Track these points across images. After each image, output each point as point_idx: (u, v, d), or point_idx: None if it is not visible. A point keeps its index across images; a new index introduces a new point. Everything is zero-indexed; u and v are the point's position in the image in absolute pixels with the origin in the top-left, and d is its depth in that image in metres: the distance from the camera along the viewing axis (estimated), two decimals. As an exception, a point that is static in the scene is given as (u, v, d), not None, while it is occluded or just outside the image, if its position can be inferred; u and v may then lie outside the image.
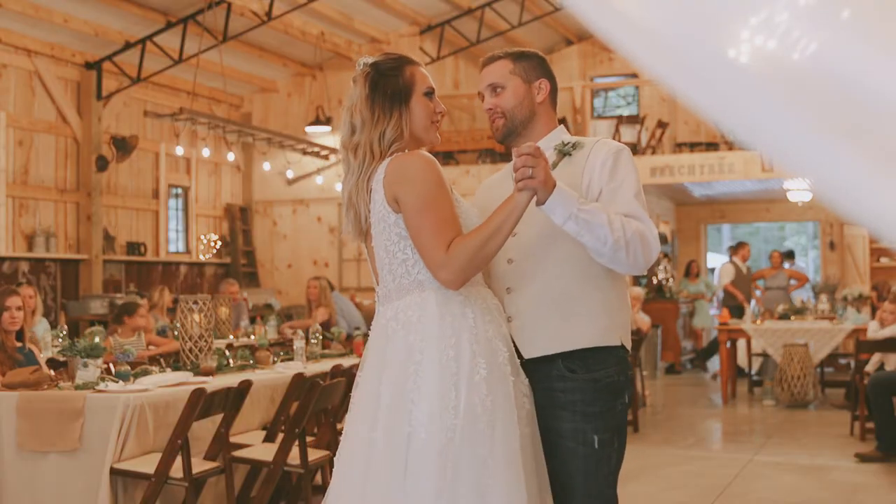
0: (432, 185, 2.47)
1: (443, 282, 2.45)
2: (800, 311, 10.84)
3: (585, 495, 2.63)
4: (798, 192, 12.92)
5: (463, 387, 2.39)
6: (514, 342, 2.59)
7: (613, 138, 12.81)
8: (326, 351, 6.67)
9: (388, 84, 2.55)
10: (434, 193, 2.46)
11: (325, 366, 5.77)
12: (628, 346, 2.69)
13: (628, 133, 13.26)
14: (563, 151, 2.71)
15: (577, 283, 2.62)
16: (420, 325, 2.46)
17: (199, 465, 4.58)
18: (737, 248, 13.37)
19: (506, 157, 9.77)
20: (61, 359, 5.58)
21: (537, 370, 2.59)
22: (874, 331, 8.20)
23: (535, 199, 2.45)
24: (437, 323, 2.45)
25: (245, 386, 4.79)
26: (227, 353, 5.88)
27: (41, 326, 7.57)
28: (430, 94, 2.61)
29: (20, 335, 5.37)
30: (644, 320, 10.45)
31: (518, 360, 2.57)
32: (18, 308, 5.29)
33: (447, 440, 2.36)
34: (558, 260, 2.62)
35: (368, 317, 10.06)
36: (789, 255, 15.01)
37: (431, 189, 2.46)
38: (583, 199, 2.52)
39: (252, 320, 10.23)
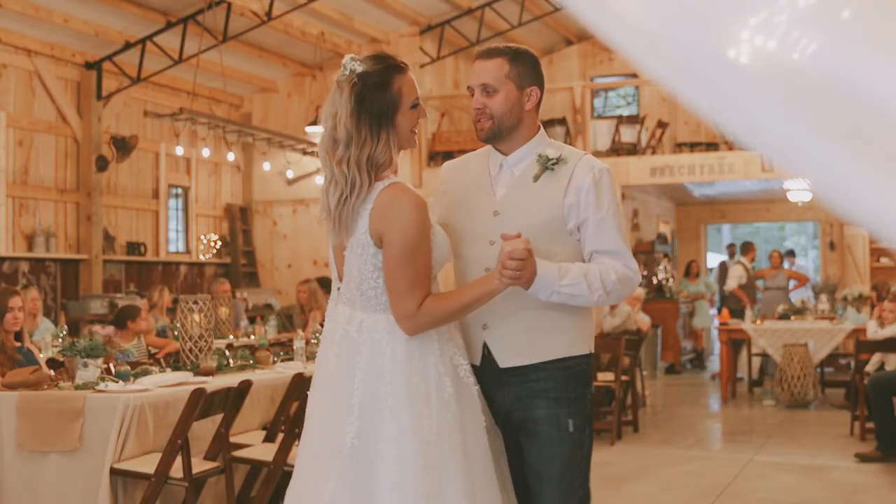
0: (418, 234, 2.49)
1: (403, 329, 2.52)
2: (800, 311, 10.84)
3: (564, 481, 2.73)
4: (798, 192, 12.92)
5: (434, 405, 2.49)
6: (488, 348, 2.75)
7: (613, 138, 12.94)
8: (326, 351, 6.66)
9: (376, 101, 2.50)
10: (418, 244, 2.49)
11: (325, 366, 5.76)
12: (592, 350, 2.89)
13: (628, 133, 13.25)
14: (547, 167, 2.78)
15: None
16: (389, 349, 2.51)
17: (199, 465, 4.58)
18: (745, 250, 13.30)
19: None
20: (61, 359, 5.57)
21: (511, 369, 2.75)
22: (874, 331, 8.20)
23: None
24: (404, 350, 2.51)
25: (245, 386, 4.79)
26: (227, 353, 5.88)
27: (43, 327, 7.57)
28: (415, 105, 2.59)
29: (18, 335, 5.37)
30: (644, 320, 10.45)
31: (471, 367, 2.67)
32: (20, 308, 5.30)
33: (424, 456, 2.43)
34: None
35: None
36: (790, 253, 15.02)
37: (416, 238, 2.49)
38: (563, 273, 2.63)
39: (252, 320, 10.23)
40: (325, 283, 9.69)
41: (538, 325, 2.73)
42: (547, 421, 2.72)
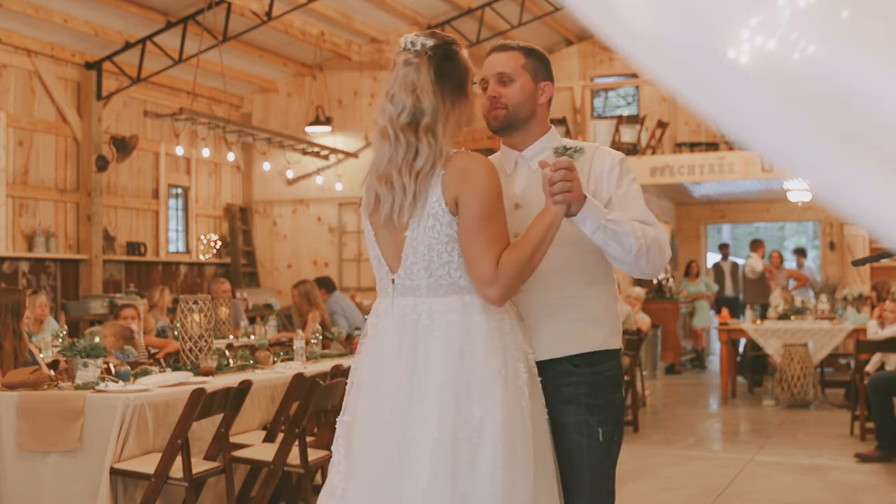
0: (495, 195, 2.46)
1: (490, 298, 2.45)
2: (800, 311, 10.84)
3: (592, 489, 2.68)
4: (798, 192, 12.93)
5: (511, 391, 2.42)
6: None
7: (613, 138, 12.94)
8: (326, 351, 6.67)
9: (453, 72, 2.53)
10: (496, 204, 2.46)
11: (325, 366, 5.77)
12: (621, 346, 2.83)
13: (628, 133, 13.25)
14: (567, 156, 2.73)
15: (584, 288, 2.71)
16: (465, 330, 2.43)
17: (199, 465, 4.58)
18: (755, 246, 13.41)
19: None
20: (62, 359, 5.58)
21: (543, 367, 2.65)
22: (874, 331, 8.20)
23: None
24: (483, 329, 2.44)
25: (245, 386, 4.79)
26: (227, 353, 5.88)
27: (47, 327, 7.58)
28: (474, 81, 2.63)
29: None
30: (644, 320, 10.45)
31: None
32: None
33: (500, 443, 2.37)
34: (566, 264, 2.68)
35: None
36: (800, 252, 14.95)
37: (494, 199, 2.46)
38: (608, 210, 2.58)
39: (252, 320, 10.22)
40: (324, 283, 9.68)
41: (572, 314, 2.68)
42: (576, 429, 2.66)
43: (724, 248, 15.73)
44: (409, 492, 2.37)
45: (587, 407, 2.66)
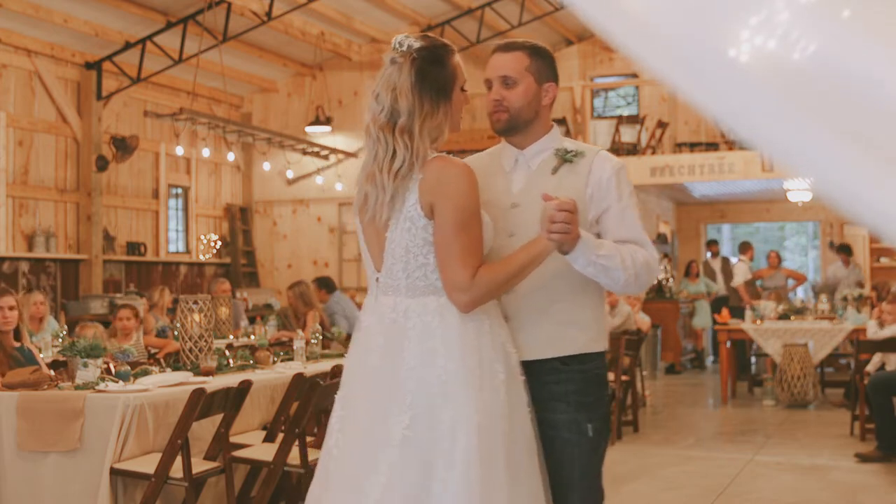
0: (471, 204, 2.48)
1: (458, 304, 2.48)
2: (800, 311, 10.84)
3: (583, 485, 2.73)
4: (798, 192, 12.92)
5: (486, 390, 2.44)
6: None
7: (613, 138, 12.94)
8: (326, 351, 6.67)
9: (437, 75, 2.52)
10: (472, 213, 2.47)
11: (325, 366, 5.77)
12: (606, 348, 2.91)
13: (628, 133, 13.25)
14: (566, 159, 2.78)
15: (571, 292, 2.74)
16: (441, 331, 2.46)
17: (199, 465, 4.58)
18: (744, 249, 13.33)
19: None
20: (62, 359, 5.57)
21: (531, 366, 2.69)
22: (874, 331, 8.19)
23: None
24: (458, 330, 2.47)
25: (245, 386, 4.79)
26: (227, 353, 5.87)
27: (47, 327, 7.57)
28: (463, 88, 2.62)
29: (18, 334, 5.36)
30: (644, 320, 10.45)
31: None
32: (11, 308, 5.27)
33: (472, 444, 2.38)
34: (554, 267, 2.68)
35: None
36: (843, 249, 14.01)
37: (470, 208, 2.47)
38: (598, 244, 2.62)
39: (252, 320, 10.22)
40: (325, 283, 9.68)
41: (560, 318, 2.73)
42: (566, 426, 2.71)
43: (712, 246, 15.45)
44: (371, 490, 2.40)
45: (577, 404, 2.71)
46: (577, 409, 2.70)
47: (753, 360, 11.66)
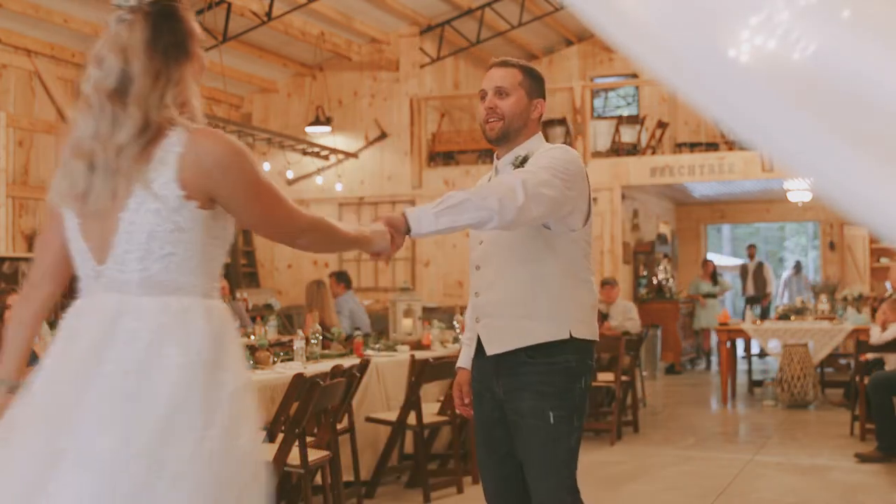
0: (257, 172, 2.15)
1: (303, 244, 2.28)
2: (800, 311, 10.85)
3: (545, 470, 2.92)
4: (798, 192, 12.93)
5: (224, 402, 2.06)
6: (479, 340, 3.06)
7: (613, 138, 12.95)
8: (326, 351, 6.68)
9: (175, 31, 2.19)
10: (263, 179, 2.16)
11: (325, 366, 5.77)
12: (588, 336, 3.01)
13: (628, 133, 13.25)
14: (517, 165, 3.03)
15: (532, 288, 2.97)
16: (186, 336, 2.07)
17: (199, 465, 4.58)
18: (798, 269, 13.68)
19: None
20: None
21: (504, 360, 2.99)
22: (876, 336, 8.14)
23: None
24: (203, 337, 2.08)
25: (245, 386, 4.79)
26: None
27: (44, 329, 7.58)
28: (204, 46, 2.33)
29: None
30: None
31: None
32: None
33: (207, 458, 2.02)
34: (516, 268, 2.97)
35: (372, 318, 10.06)
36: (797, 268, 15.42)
37: (259, 176, 2.15)
38: (437, 201, 2.72)
39: (252, 320, 10.22)
40: (343, 277, 9.64)
41: (517, 311, 2.96)
42: (531, 413, 2.92)
43: (750, 249, 16.36)
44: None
45: (539, 393, 2.92)
46: (540, 398, 2.91)
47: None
